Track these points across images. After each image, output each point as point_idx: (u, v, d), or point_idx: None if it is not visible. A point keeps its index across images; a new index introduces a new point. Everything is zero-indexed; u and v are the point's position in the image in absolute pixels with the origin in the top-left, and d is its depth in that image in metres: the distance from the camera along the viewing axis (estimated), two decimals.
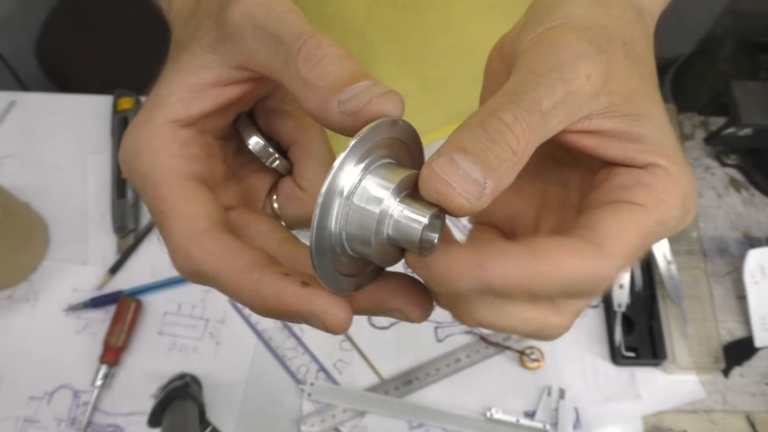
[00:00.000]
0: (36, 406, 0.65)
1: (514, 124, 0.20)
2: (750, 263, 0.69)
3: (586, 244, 0.20)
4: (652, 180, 0.21)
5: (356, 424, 0.65)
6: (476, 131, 0.20)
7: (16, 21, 1.24)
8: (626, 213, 0.21)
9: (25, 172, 0.75)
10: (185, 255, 0.23)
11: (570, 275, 0.19)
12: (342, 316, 0.21)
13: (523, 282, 0.19)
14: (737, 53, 1.11)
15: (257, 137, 0.27)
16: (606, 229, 0.20)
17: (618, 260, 0.20)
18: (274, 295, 0.21)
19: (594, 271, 0.20)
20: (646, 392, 0.67)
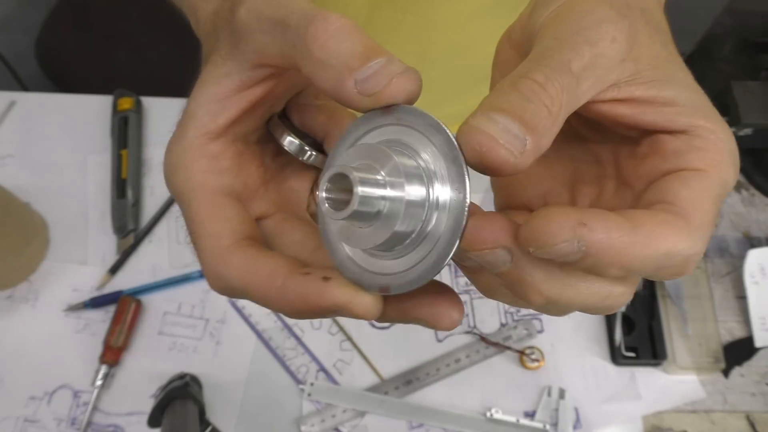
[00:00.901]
0: (36, 406, 0.65)
1: (546, 83, 0.19)
2: (750, 263, 0.69)
3: (675, 217, 0.19)
4: (703, 143, 0.21)
5: (356, 424, 0.65)
6: (509, 93, 0.19)
7: (16, 21, 1.24)
8: (695, 180, 0.20)
9: (25, 172, 0.75)
10: (215, 274, 0.24)
11: (665, 249, 0.19)
12: (368, 301, 0.21)
13: (622, 252, 0.18)
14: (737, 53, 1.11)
15: (290, 136, 0.27)
16: (685, 200, 0.20)
17: (705, 230, 0.20)
18: (299, 296, 0.22)
19: (686, 245, 0.19)
20: (646, 392, 0.67)
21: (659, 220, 0.19)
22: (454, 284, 0.71)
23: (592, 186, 0.26)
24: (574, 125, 0.26)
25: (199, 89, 0.25)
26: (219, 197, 0.25)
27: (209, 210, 0.25)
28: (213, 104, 0.25)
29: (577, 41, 0.20)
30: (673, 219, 0.19)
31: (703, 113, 0.21)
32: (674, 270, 0.20)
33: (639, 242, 0.18)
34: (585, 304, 0.21)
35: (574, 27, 0.21)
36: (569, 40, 0.21)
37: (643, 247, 0.18)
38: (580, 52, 0.20)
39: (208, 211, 0.24)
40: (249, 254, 0.24)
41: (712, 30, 1.22)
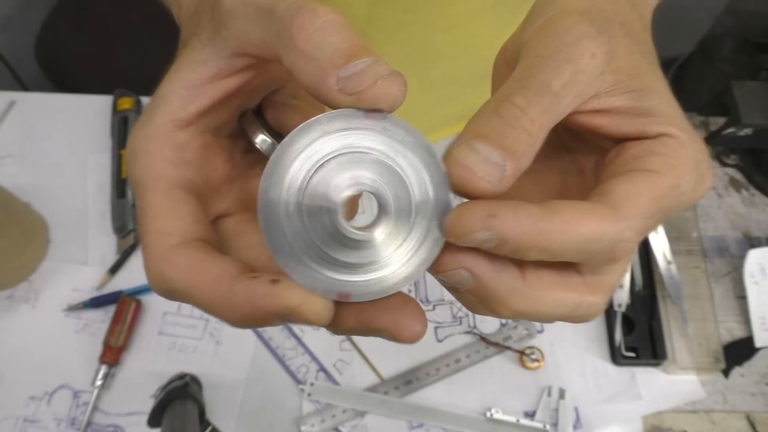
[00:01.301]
0: (36, 406, 0.65)
1: (527, 107, 0.20)
2: (750, 263, 0.69)
3: (601, 205, 0.20)
4: (664, 148, 0.22)
5: (356, 424, 0.65)
6: (492, 117, 0.20)
7: (16, 21, 1.24)
8: (640, 178, 0.21)
9: (25, 172, 0.75)
10: (158, 273, 0.22)
11: (585, 234, 0.20)
12: (320, 304, 0.21)
13: (537, 236, 0.19)
14: (737, 53, 1.11)
15: (263, 134, 0.26)
16: (620, 193, 0.21)
17: (635, 221, 0.20)
18: (246, 301, 0.21)
19: (610, 231, 0.20)
20: (646, 392, 0.67)
21: (581, 208, 0.20)
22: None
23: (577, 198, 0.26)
24: (563, 138, 0.26)
25: (173, 74, 0.24)
26: (176, 191, 0.23)
27: (163, 204, 0.23)
28: (186, 90, 0.23)
29: (558, 59, 0.21)
30: (599, 207, 0.20)
31: (675, 123, 0.22)
32: (603, 255, 0.20)
33: (555, 228, 0.19)
34: (554, 314, 0.22)
35: (555, 44, 0.22)
36: (550, 58, 0.21)
37: (560, 232, 0.19)
38: (560, 71, 0.21)
39: (162, 205, 0.23)
40: (196, 256, 0.22)
41: (713, 30, 1.22)
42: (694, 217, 0.74)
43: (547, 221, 0.19)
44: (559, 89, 0.21)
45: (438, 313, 0.70)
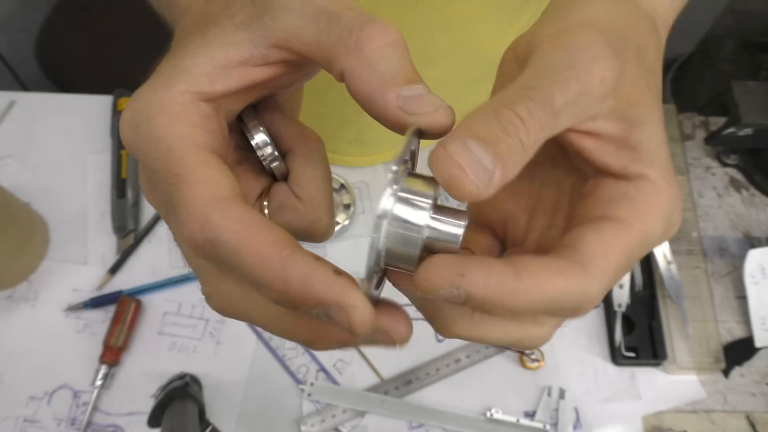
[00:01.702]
0: (36, 406, 0.65)
1: (528, 118, 0.20)
2: (750, 263, 0.69)
3: (569, 263, 0.20)
4: (638, 194, 0.22)
5: (356, 424, 0.65)
6: (491, 120, 0.20)
7: (16, 21, 1.24)
8: (610, 230, 0.21)
9: (25, 172, 0.75)
10: (203, 220, 0.20)
11: (552, 294, 0.20)
12: (369, 315, 0.20)
13: (503, 297, 0.19)
14: (737, 53, 1.11)
15: (264, 135, 0.26)
16: (589, 248, 0.20)
17: (602, 279, 0.20)
18: (302, 277, 0.19)
19: (577, 291, 0.20)
20: (646, 392, 0.67)
21: (549, 267, 0.20)
22: None
23: (546, 216, 0.26)
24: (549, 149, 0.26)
25: (200, 48, 0.22)
26: (210, 153, 0.22)
27: (202, 159, 0.21)
28: (213, 68, 0.22)
29: (567, 76, 0.21)
30: (567, 265, 0.20)
31: (657, 166, 0.22)
32: (568, 312, 0.21)
33: (523, 288, 0.19)
34: (500, 343, 0.23)
35: (567, 58, 0.21)
36: (560, 72, 0.21)
37: (528, 293, 0.19)
38: (567, 89, 0.20)
39: (201, 159, 0.21)
40: (253, 213, 0.20)
41: (713, 30, 1.22)
42: (694, 217, 0.74)
43: (516, 281, 0.19)
44: (561, 107, 0.20)
45: None
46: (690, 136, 0.80)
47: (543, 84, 0.20)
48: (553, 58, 0.21)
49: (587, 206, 0.23)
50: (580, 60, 0.21)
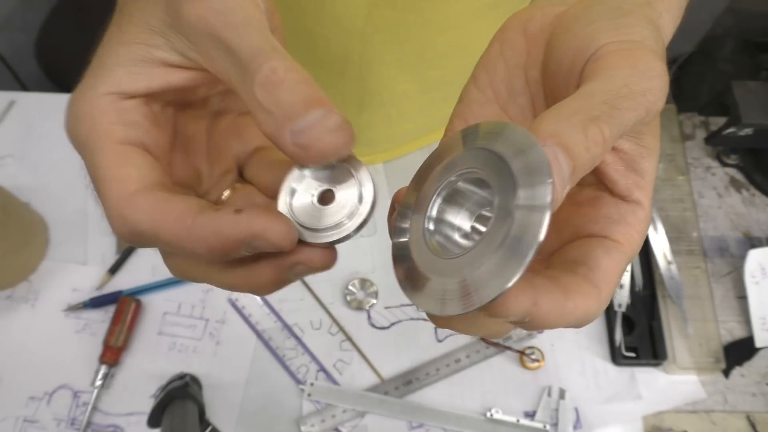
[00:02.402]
0: (36, 406, 0.65)
1: (609, 139, 0.21)
2: (750, 263, 0.69)
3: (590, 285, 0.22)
4: (634, 220, 0.24)
5: (356, 424, 0.65)
6: (578, 133, 0.20)
7: (16, 21, 1.24)
8: (615, 252, 0.23)
9: (25, 172, 0.75)
10: (120, 218, 0.22)
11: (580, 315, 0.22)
12: (283, 228, 0.21)
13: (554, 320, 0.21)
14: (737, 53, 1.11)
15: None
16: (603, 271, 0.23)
17: (608, 297, 0.23)
18: (212, 232, 0.21)
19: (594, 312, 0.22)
20: (646, 392, 0.67)
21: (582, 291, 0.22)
22: None
23: None
24: None
25: (121, 46, 0.23)
26: (126, 146, 0.23)
27: (115, 157, 0.23)
28: (135, 66, 0.23)
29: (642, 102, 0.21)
30: (591, 290, 0.22)
31: (649, 195, 0.24)
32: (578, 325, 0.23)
33: (566, 313, 0.21)
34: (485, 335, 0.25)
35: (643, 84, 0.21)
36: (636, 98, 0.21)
37: (568, 316, 0.21)
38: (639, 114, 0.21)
39: (113, 158, 0.23)
40: (158, 197, 0.22)
41: (713, 30, 1.22)
42: (694, 217, 0.74)
43: (564, 304, 0.21)
44: (630, 130, 0.22)
45: None
46: (690, 136, 0.80)
47: (624, 106, 0.21)
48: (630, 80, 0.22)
49: (588, 220, 0.24)
50: (652, 89, 0.22)
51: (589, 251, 0.23)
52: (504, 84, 0.27)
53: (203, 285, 0.70)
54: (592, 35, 0.23)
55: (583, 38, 0.23)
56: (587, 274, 0.22)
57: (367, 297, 0.70)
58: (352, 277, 0.71)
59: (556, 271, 0.23)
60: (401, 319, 0.70)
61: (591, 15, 0.24)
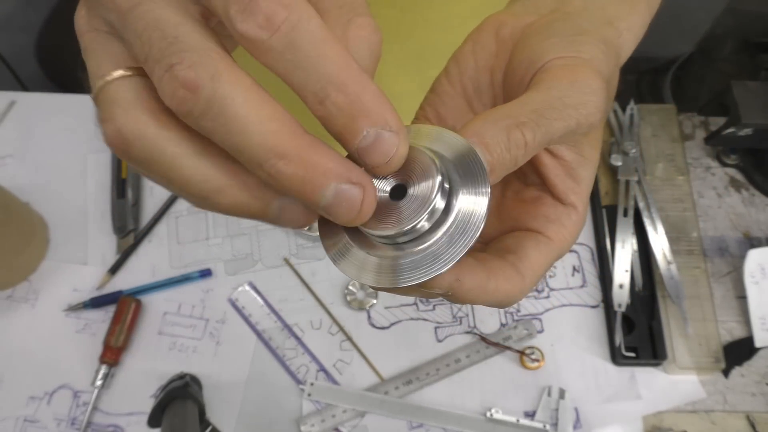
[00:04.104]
0: (36, 406, 0.65)
1: (531, 143, 0.22)
2: (750, 263, 0.69)
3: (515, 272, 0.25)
4: (567, 221, 0.27)
5: (356, 424, 0.65)
6: (501, 134, 0.22)
7: (16, 21, 1.24)
8: (544, 247, 0.26)
9: (25, 172, 0.75)
10: (203, 54, 0.17)
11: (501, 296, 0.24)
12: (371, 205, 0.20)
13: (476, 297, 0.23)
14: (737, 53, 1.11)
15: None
16: (530, 261, 0.25)
17: (531, 285, 0.25)
18: (380, 94, 0.19)
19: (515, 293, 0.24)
20: (646, 392, 0.67)
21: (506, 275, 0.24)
22: None
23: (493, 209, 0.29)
24: None
25: None
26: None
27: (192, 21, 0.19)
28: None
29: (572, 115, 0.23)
30: (513, 273, 0.25)
31: (585, 199, 0.27)
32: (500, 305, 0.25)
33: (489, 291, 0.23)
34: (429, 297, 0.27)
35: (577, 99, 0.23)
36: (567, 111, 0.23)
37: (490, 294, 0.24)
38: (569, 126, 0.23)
39: (192, 21, 0.18)
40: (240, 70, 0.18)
41: (713, 30, 1.22)
42: (694, 217, 0.74)
43: (486, 285, 0.23)
44: (557, 140, 0.23)
45: (438, 313, 0.70)
46: (690, 136, 0.80)
47: (553, 116, 0.23)
48: (565, 93, 0.23)
49: (528, 215, 0.27)
50: (586, 104, 0.23)
51: (522, 242, 0.26)
52: (471, 81, 0.29)
53: (203, 285, 0.70)
54: (545, 49, 0.25)
55: (537, 51, 0.26)
56: (515, 261, 0.25)
57: (367, 297, 0.70)
58: None
59: (489, 255, 0.25)
60: (401, 319, 0.70)
61: (550, 30, 0.26)
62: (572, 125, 0.23)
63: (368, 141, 0.18)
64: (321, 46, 0.18)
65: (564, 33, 0.26)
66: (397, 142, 0.19)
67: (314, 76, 0.18)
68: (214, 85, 0.17)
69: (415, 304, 0.70)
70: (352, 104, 0.18)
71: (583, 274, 0.72)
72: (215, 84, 0.17)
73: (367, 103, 0.18)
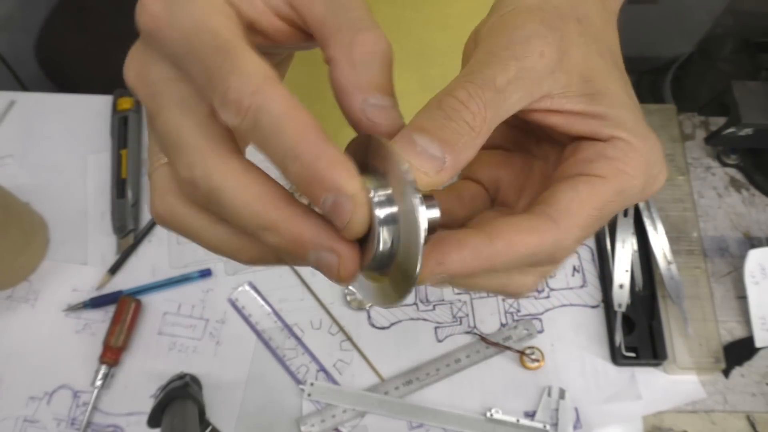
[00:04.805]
0: (36, 406, 0.65)
1: (469, 100, 0.21)
2: (750, 263, 0.69)
3: (541, 219, 0.22)
4: (614, 152, 0.23)
5: (356, 424, 0.65)
6: (433, 111, 0.21)
7: (16, 21, 1.24)
8: (584, 185, 0.22)
9: (25, 172, 0.75)
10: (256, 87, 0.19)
11: (524, 250, 0.21)
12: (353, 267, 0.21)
13: (481, 265, 0.21)
14: (737, 53, 1.11)
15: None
16: (562, 203, 0.22)
17: (574, 231, 0.22)
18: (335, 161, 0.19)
19: (549, 244, 0.22)
20: (646, 392, 0.67)
21: (521, 226, 0.22)
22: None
23: (537, 185, 0.28)
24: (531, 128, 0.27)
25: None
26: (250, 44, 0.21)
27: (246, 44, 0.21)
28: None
29: (504, 56, 0.22)
30: (538, 222, 0.22)
31: (626, 127, 0.23)
32: (544, 261, 0.22)
33: (497, 252, 0.21)
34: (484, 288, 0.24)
35: (504, 42, 0.22)
36: (497, 54, 0.22)
37: (503, 255, 0.21)
38: (506, 67, 0.21)
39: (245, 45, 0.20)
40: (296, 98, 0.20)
41: (713, 30, 1.22)
42: (694, 217, 0.74)
43: (490, 247, 0.21)
44: (504, 85, 0.21)
45: (438, 313, 0.70)
46: (690, 136, 0.80)
47: (482, 68, 0.22)
48: (489, 45, 0.22)
49: (566, 166, 0.24)
50: (515, 41, 0.22)
51: (553, 190, 0.23)
52: None
53: (203, 285, 0.70)
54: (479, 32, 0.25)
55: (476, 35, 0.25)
56: (543, 209, 0.22)
57: None
58: None
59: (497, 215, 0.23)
60: (401, 319, 0.70)
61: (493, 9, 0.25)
62: (512, 66, 0.21)
63: (327, 207, 0.19)
64: (279, 123, 0.19)
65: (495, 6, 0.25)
66: (351, 208, 0.19)
67: (275, 149, 0.19)
68: (207, 182, 0.20)
69: (415, 304, 0.70)
70: (307, 173, 0.19)
71: (583, 274, 0.72)
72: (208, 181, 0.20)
73: (321, 172, 0.19)
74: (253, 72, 0.20)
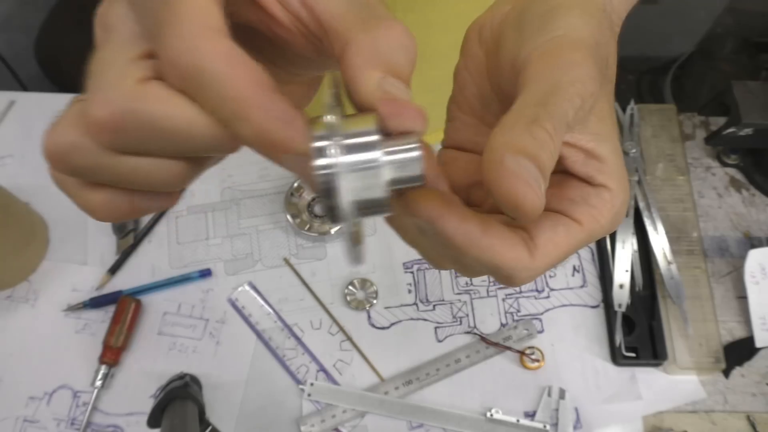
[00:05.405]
0: (36, 406, 0.65)
1: (554, 133, 0.21)
2: (750, 263, 0.69)
3: (522, 246, 0.23)
4: (597, 201, 0.24)
5: (356, 424, 0.65)
6: (527, 137, 0.21)
7: (15, 21, 1.24)
8: (563, 228, 0.24)
9: (25, 172, 0.75)
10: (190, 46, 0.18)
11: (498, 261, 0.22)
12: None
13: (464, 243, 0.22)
14: (737, 53, 1.11)
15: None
16: (541, 241, 0.23)
17: (542, 266, 0.23)
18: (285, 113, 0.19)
19: (518, 268, 0.23)
20: (646, 392, 0.67)
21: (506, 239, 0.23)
22: (455, 284, 0.71)
23: None
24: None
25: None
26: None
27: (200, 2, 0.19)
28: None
29: (572, 92, 0.22)
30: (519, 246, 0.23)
31: (617, 176, 0.25)
32: (501, 279, 0.24)
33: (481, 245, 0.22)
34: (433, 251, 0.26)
35: (569, 76, 0.22)
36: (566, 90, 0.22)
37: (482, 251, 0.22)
38: (574, 104, 0.22)
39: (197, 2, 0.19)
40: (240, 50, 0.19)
41: (713, 30, 1.22)
42: (694, 217, 0.74)
43: (479, 238, 0.22)
44: (573, 121, 0.22)
45: (438, 313, 0.70)
46: (690, 136, 0.80)
47: (557, 101, 0.22)
48: (556, 77, 0.22)
49: (550, 198, 0.24)
50: (578, 79, 0.22)
51: (537, 225, 0.24)
52: (475, 98, 0.28)
53: (203, 285, 0.70)
54: (520, 43, 0.24)
55: (514, 48, 0.25)
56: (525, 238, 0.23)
57: (367, 297, 0.70)
58: (352, 277, 0.71)
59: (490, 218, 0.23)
60: (401, 319, 0.70)
61: (522, 19, 0.25)
62: (577, 102, 0.22)
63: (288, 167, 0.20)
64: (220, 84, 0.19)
65: (535, 16, 0.25)
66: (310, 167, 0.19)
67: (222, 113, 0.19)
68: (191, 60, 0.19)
69: (415, 304, 0.70)
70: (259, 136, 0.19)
71: (584, 274, 0.72)
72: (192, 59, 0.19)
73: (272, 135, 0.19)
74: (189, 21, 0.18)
